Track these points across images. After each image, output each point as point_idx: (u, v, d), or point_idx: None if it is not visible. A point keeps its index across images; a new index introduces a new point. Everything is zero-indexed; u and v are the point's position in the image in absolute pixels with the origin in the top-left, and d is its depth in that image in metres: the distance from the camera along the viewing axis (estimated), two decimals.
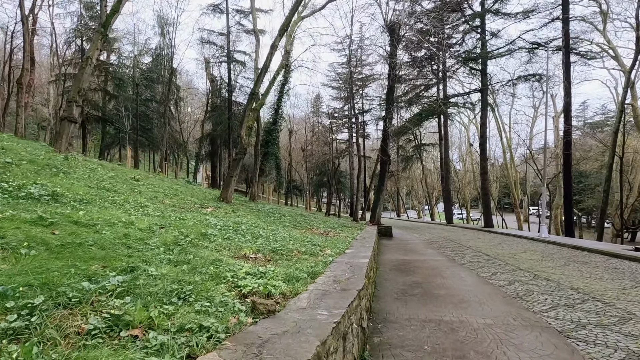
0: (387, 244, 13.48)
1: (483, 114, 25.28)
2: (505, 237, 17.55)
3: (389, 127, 17.12)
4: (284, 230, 8.40)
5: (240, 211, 10.58)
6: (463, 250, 12.27)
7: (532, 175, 53.30)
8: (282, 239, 6.37)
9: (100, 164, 11.90)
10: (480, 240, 15.80)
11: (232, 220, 7.72)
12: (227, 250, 4.56)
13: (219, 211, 9.40)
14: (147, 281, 2.67)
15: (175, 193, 10.37)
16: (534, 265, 8.94)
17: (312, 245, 6.51)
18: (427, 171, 50.32)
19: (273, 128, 28.19)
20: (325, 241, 7.53)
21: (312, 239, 7.26)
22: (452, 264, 8.93)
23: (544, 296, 5.83)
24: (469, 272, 7.80)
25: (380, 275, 7.24)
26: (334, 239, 8.40)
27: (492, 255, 10.88)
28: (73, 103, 11.12)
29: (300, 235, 7.57)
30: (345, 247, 6.79)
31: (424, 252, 11.39)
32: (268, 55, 12.20)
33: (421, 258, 9.76)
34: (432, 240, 16.19)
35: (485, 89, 25.05)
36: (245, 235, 5.98)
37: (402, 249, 12.20)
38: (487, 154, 47.04)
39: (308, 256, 5.35)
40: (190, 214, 7.09)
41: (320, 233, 9.72)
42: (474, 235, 18.77)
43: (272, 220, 10.54)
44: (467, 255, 10.88)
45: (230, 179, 11.99)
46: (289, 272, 3.74)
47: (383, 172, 18.04)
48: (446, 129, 33.02)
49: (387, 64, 22.60)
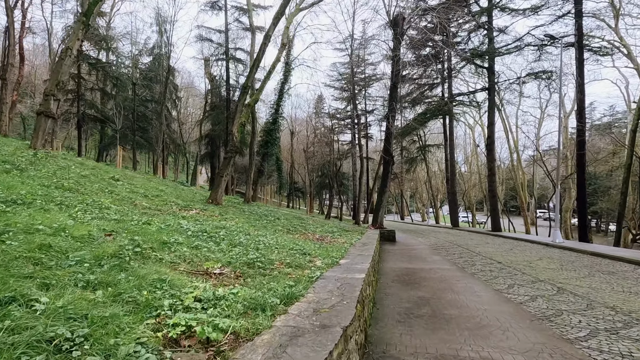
0: (390, 250, 12.52)
1: (490, 113, 24.27)
2: (516, 242, 16.51)
3: (392, 126, 16.17)
4: (273, 235, 7.48)
5: (229, 214, 9.68)
6: (472, 257, 11.29)
7: (539, 177, 52.14)
8: (265, 247, 5.46)
9: (81, 163, 11.08)
10: (489, 246, 14.79)
11: (213, 225, 6.82)
12: (186, 263, 3.64)
13: (203, 214, 8.51)
14: (19, 321, 1.76)
15: (158, 194, 9.49)
16: (554, 276, 7.95)
17: (301, 254, 5.59)
18: (431, 173, 49.28)
19: (273, 128, 27.31)
20: (319, 249, 6.60)
21: (303, 246, 6.34)
22: (462, 274, 7.96)
23: (577, 317, 4.86)
24: (482, 284, 6.83)
25: (380, 288, 6.30)
26: (329, 245, 7.47)
27: (505, 263, 9.89)
28: (51, 97, 10.31)
29: (289, 242, 6.65)
30: (341, 256, 5.86)
31: (430, 259, 10.42)
32: (261, 45, 11.34)
33: (427, 267, 8.79)
34: (438, 245, 15.21)
35: (493, 87, 24.06)
36: (221, 243, 5.06)
37: (406, 255, 11.23)
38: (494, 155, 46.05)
39: (292, 269, 4.43)
40: (161, 217, 6.20)
41: (315, 239, 8.80)
42: (482, 240, 17.76)
43: (264, 224, 9.63)
44: (477, 263, 9.91)
45: (220, 179, 11.11)
46: (256, 295, 2.82)
47: (386, 173, 17.09)
48: (451, 129, 32.01)
49: (390, 62, 21.78)
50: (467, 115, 46.39)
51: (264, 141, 27.06)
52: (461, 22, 29.42)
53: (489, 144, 24.60)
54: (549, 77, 22.43)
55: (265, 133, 27.37)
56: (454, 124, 33.24)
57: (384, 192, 16.81)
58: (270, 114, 28.40)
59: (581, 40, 18.69)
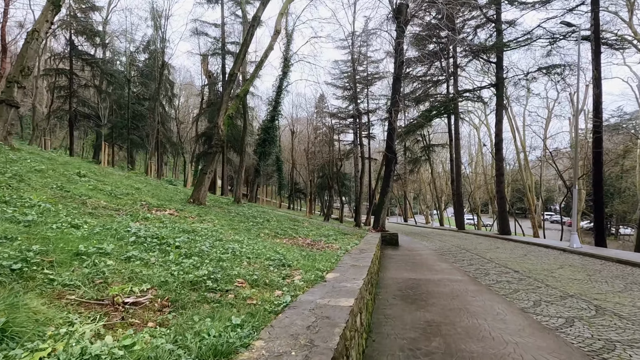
0: (392, 256, 11.34)
1: (499, 110, 23.04)
2: (529, 247, 15.27)
3: (395, 121, 14.98)
4: (254, 241, 6.34)
5: (209, 215, 8.54)
6: (484, 263, 10.09)
7: (545, 178, 50.70)
8: (232, 258, 4.31)
9: (50, 158, 10.00)
10: (500, 251, 13.57)
11: (180, 228, 5.69)
12: (90, 286, 2.50)
13: (176, 215, 7.38)
14: None
15: (130, 193, 8.38)
16: (585, 290, 6.75)
17: (279, 266, 4.44)
18: (435, 174, 48.02)
19: (271, 126, 26.24)
20: (304, 258, 5.46)
21: (284, 254, 5.19)
22: (477, 287, 6.77)
23: (637, 353, 3.68)
24: (503, 302, 5.64)
25: (379, 307, 5.13)
26: (318, 253, 6.32)
27: (522, 272, 8.69)
28: (14, 84, 9.24)
29: (270, 249, 5.50)
30: (329, 268, 4.71)
31: (438, 267, 9.22)
32: (249, 29, 10.22)
33: (435, 277, 7.61)
34: (445, 249, 14.01)
35: (502, 82, 22.85)
36: (171, 252, 3.92)
37: (410, 262, 10.05)
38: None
39: (257, 290, 3.28)
40: (108, 219, 5.07)
41: (305, 244, 7.64)
42: (491, 244, 16.53)
43: (248, 226, 8.48)
44: (491, 271, 8.71)
45: (203, 176, 10.00)
46: (160, 355, 1.67)
47: (388, 172, 15.91)
48: (457, 127, 30.78)
49: (392, 58, 20.63)
50: (472, 114, 45.23)
51: (262, 139, 25.99)
52: (467, 17, 28.31)
53: (497, 143, 23.37)
54: (561, 73, 21.18)
55: (263, 131, 26.30)
56: (459, 123, 31.93)
57: (386, 192, 15.61)
58: (268, 111, 27.27)
59: (597, 30, 17.46)
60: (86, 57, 28.68)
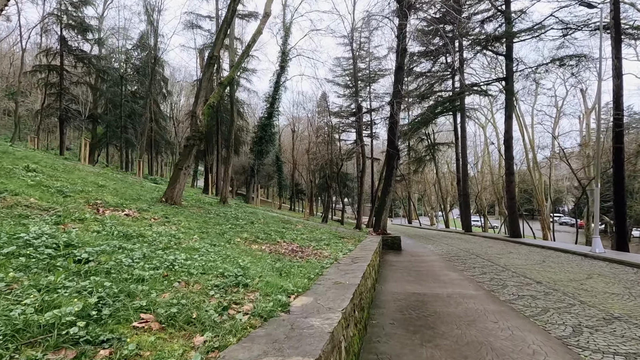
0: (393, 263, 10.06)
1: (508, 105, 21.69)
2: (545, 252, 13.90)
3: (397, 113, 13.70)
4: (219, 248, 5.11)
5: (179, 217, 7.33)
6: (499, 272, 8.78)
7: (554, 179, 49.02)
8: (162, 276, 3.08)
9: (3, 151, 8.86)
10: (514, 256, 12.24)
11: (121, 233, 4.49)
12: None
13: (134, 216, 6.18)
14: None
15: (85, 190, 7.20)
16: (631, 309, 5.44)
17: (230, 286, 3.20)
18: (440, 174, 46.60)
19: (268, 123, 25.06)
20: (277, 271, 4.22)
21: (248, 267, 3.96)
22: (497, 305, 5.48)
23: None
24: (535, 328, 4.36)
25: (370, 340, 3.86)
26: (301, 263, 5.08)
27: (546, 283, 7.38)
28: None
29: (230, 262, 4.26)
30: (303, 287, 3.47)
31: (446, 277, 7.93)
32: (230, 3, 9.05)
33: (444, 291, 6.33)
34: (452, 254, 12.70)
35: (511, 75, 21.50)
36: (61, 268, 2.69)
37: (413, 271, 8.76)
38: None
39: (169, 333, 2.06)
40: (10, 220, 3.87)
41: (288, 251, 6.40)
42: (502, 248, 15.18)
43: (224, 230, 7.25)
44: (508, 282, 7.42)
45: (178, 172, 8.79)
46: None
47: (390, 170, 14.62)
48: (463, 125, 29.42)
49: (395, 53, 19.30)
50: (478, 113, 43.79)
51: (259, 137, 24.82)
52: (473, 11, 27.01)
53: (507, 140, 22.00)
54: (576, 64, 19.79)
55: (260, 129, 25.12)
56: (465, 121, 30.54)
57: (387, 191, 14.32)
58: (265, 108, 26.08)
59: (617, 15, 16.11)
60: (78, 53, 27.66)
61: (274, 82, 25.00)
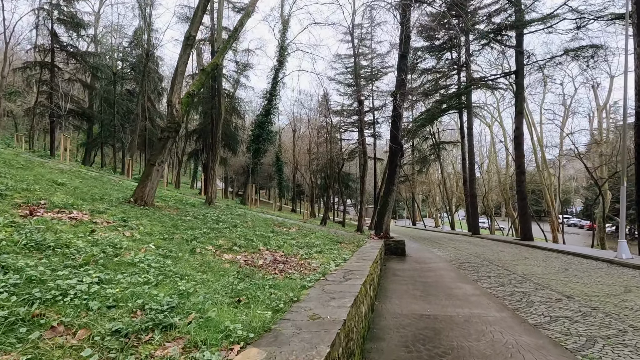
0: (396, 272, 8.88)
1: (519, 100, 20.39)
2: (564, 257, 12.65)
3: (401, 106, 12.50)
4: (176, 260, 3.98)
5: (142, 220, 6.21)
6: (519, 283, 7.58)
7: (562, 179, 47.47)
8: (33, 316, 1.94)
9: None
10: (531, 263, 11.00)
11: (33, 242, 3.37)
12: None
13: (80, 219, 5.07)
14: None
15: (31, 189, 6.11)
16: None
17: (146, 327, 2.05)
18: (445, 174, 45.28)
19: (265, 120, 23.94)
20: (239, 295, 3.07)
21: (191, 293, 2.82)
22: (530, 335, 4.29)
23: None
24: None
25: None
26: (276, 282, 3.92)
27: (580, 299, 6.18)
28: None
29: (169, 284, 3.12)
30: (263, 327, 2.32)
31: (459, 291, 6.74)
32: None
33: (459, 312, 5.15)
34: (462, 260, 11.49)
35: (522, 69, 20.24)
36: None
37: (420, 281, 7.58)
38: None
39: None
40: None
41: (268, 262, 5.26)
42: (515, 253, 13.93)
43: (195, 235, 6.12)
44: (534, 297, 6.22)
45: (150, 169, 7.67)
46: None
47: (393, 167, 13.41)
48: (470, 123, 28.15)
49: (397, 48, 18.12)
50: (484, 111, 42.48)
51: (255, 135, 23.72)
52: (479, 5, 25.84)
53: (517, 137, 20.73)
54: (592, 55, 18.49)
55: (257, 126, 24.02)
56: (472, 118, 29.25)
57: (390, 191, 13.10)
58: (262, 105, 24.97)
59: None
60: (70, 49, 26.73)
61: (271, 78, 23.92)
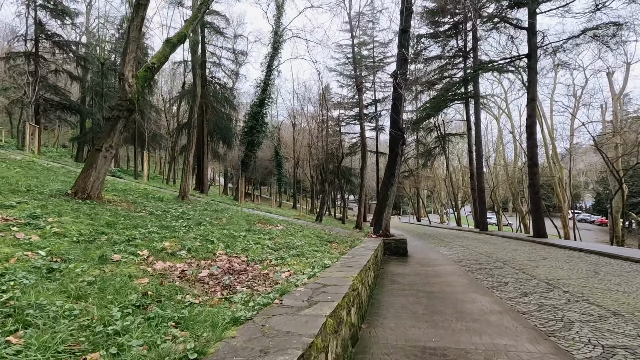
0: (395, 277, 7.46)
1: (532, 86, 18.80)
2: (587, 257, 11.15)
3: (402, 86, 11.00)
4: (65, 276, 2.60)
5: (67, 216, 4.85)
6: (544, 291, 6.16)
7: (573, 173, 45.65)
8: None
9: None
10: (552, 264, 9.53)
11: None
12: None
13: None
14: None
15: None
16: None
17: None
18: (451, 168, 43.64)
19: (259, 111, 22.52)
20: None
21: None
22: None
23: None
24: None
25: None
26: (191, 313, 2.53)
27: (629, 315, 4.75)
28: None
29: None
30: None
31: (474, 305, 5.31)
32: None
33: (476, 343, 3.73)
34: (471, 260, 10.05)
35: (535, 52, 18.64)
36: None
37: (424, 291, 6.17)
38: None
39: None
40: None
41: (213, 275, 3.88)
42: (531, 252, 12.45)
43: (137, 234, 4.75)
44: (569, 314, 4.79)
45: (96, 155, 6.32)
46: None
47: (394, 157, 11.93)
48: (477, 113, 26.47)
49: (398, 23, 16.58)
50: (491, 103, 40.80)
51: (249, 127, 22.34)
52: None
53: (530, 125, 19.16)
54: (613, 34, 16.86)
55: (251, 117, 22.61)
56: (479, 109, 27.58)
57: (391, 183, 11.64)
58: (257, 94, 23.54)
59: None
60: (56, 38, 25.48)
61: (265, 66, 22.50)
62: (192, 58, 9.91)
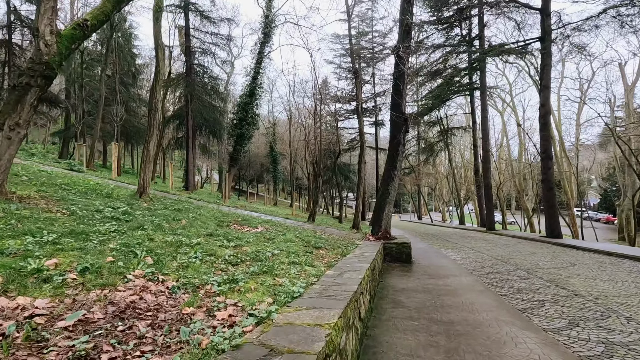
0: (397, 297, 5.79)
1: (546, 72, 17.13)
2: (623, 262, 9.51)
3: (404, 62, 9.34)
4: None
5: None
6: (599, 318, 4.52)
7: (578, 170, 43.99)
8: None
9: None
10: (586, 273, 7.88)
11: None
12: None
13: None
14: None
15: None
16: None
17: None
18: (454, 164, 41.97)
19: (249, 101, 20.81)
20: None
21: None
22: None
23: None
24: None
25: None
26: None
27: None
28: None
29: None
30: None
31: (515, 346, 3.66)
32: None
33: None
34: (487, 268, 8.41)
35: (549, 34, 16.99)
36: None
37: (437, 325, 4.51)
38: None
39: None
40: None
41: (61, 348, 2.21)
42: (552, 256, 10.80)
43: (16, 246, 3.09)
44: None
45: (6, 137, 4.65)
46: None
47: (395, 145, 10.26)
48: (484, 104, 24.79)
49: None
50: (495, 97, 39.14)
51: (238, 119, 20.66)
52: None
53: (543, 115, 17.48)
54: (638, 13, 15.16)
55: (240, 108, 20.92)
56: (486, 99, 25.87)
57: (391, 177, 9.97)
58: (246, 84, 21.83)
59: None
60: (31, 24, 23.72)
61: (256, 54, 20.82)
62: (155, 28, 8.25)
